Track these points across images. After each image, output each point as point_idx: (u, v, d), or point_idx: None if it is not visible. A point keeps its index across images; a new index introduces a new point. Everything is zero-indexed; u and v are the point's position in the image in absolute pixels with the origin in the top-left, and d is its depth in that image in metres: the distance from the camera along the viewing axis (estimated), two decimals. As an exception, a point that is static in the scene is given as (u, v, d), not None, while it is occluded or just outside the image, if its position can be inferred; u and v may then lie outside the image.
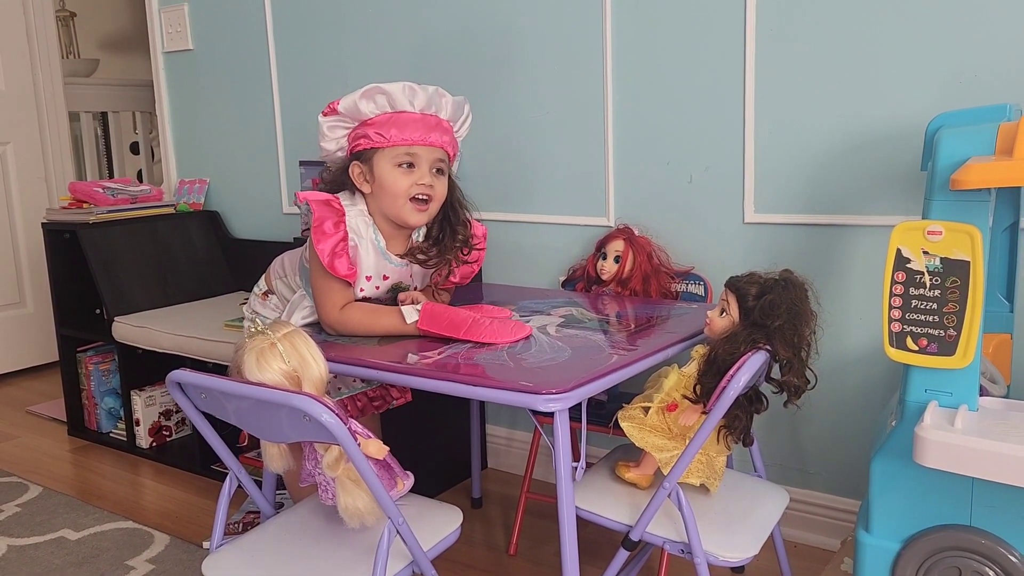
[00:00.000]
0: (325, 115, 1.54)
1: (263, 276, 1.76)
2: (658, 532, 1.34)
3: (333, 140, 1.56)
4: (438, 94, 1.51)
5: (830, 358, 1.74)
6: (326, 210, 1.50)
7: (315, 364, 1.21)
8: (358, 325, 1.51)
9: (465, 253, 1.63)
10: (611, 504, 1.40)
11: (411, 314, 1.48)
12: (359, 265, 1.53)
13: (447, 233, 1.59)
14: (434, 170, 1.53)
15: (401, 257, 1.58)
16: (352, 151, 1.55)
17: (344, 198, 1.54)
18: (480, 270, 2.21)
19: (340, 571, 1.24)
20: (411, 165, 1.51)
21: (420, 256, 1.58)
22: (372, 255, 1.55)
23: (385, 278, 1.59)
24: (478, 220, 1.66)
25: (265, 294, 1.73)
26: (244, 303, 2.57)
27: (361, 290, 1.56)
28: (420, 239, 1.61)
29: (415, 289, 1.64)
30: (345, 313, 1.51)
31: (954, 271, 1.11)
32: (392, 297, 1.61)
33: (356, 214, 1.53)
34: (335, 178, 1.58)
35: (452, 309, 1.53)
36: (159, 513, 2.17)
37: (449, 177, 1.58)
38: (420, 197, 1.51)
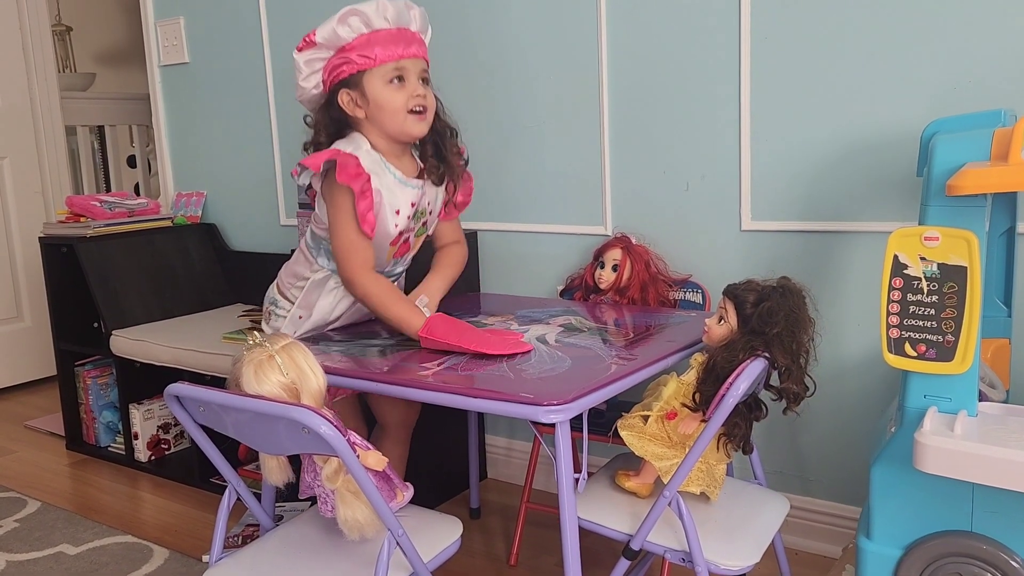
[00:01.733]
0: (300, 50, 1.53)
1: (277, 296, 1.71)
2: (659, 541, 1.34)
3: (312, 75, 1.55)
4: (406, 6, 1.53)
5: (829, 365, 1.74)
6: (344, 157, 1.49)
7: (313, 376, 1.20)
8: (369, 294, 1.52)
9: (462, 156, 1.67)
10: (611, 513, 1.40)
11: (422, 308, 1.50)
12: (386, 206, 1.53)
13: (442, 144, 1.62)
14: (421, 80, 1.55)
15: (416, 178, 1.60)
16: (335, 80, 1.53)
17: (344, 146, 1.53)
18: (479, 282, 2.22)
19: (340, 584, 1.24)
20: (401, 79, 1.52)
21: (432, 172, 1.60)
22: (395, 189, 1.55)
23: (412, 205, 1.59)
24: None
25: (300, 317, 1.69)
26: (243, 315, 2.57)
27: (396, 226, 1.56)
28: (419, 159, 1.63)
29: (430, 213, 1.66)
30: (369, 277, 1.52)
31: (951, 277, 1.11)
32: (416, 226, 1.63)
33: (364, 155, 1.53)
34: (321, 117, 1.58)
35: (455, 321, 1.51)
36: (158, 527, 2.16)
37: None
38: (417, 109, 1.53)
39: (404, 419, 1.81)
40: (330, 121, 1.57)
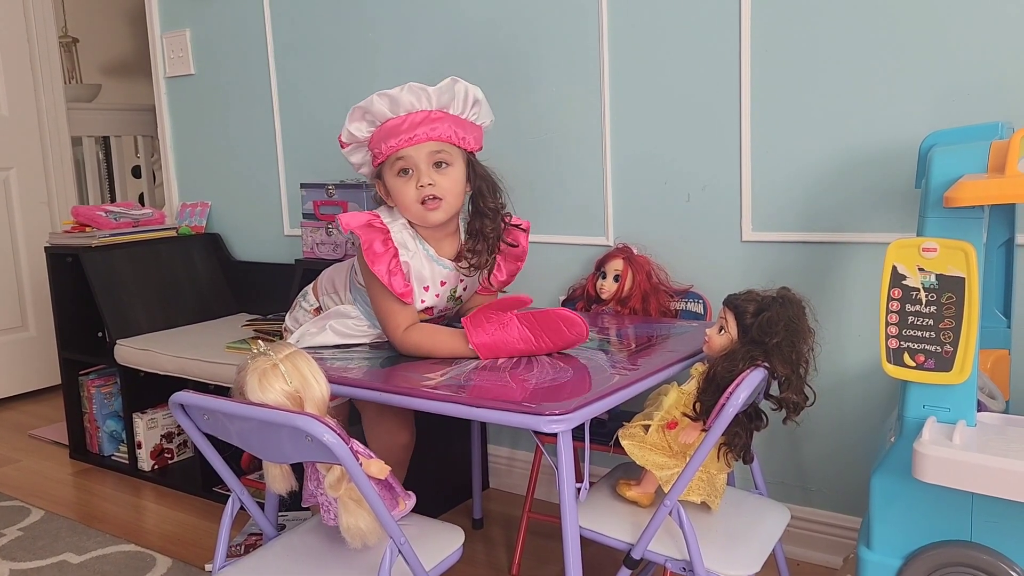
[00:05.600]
0: (343, 148, 1.57)
1: (310, 290, 1.76)
2: (660, 550, 1.34)
3: (364, 164, 1.59)
4: (412, 90, 1.47)
5: (829, 375, 1.74)
6: (371, 232, 1.49)
7: (317, 384, 1.21)
8: (416, 346, 1.50)
9: (500, 246, 1.60)
10: (613, 522, 1.40)
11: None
12: (413, 278, 1.53)
13: (481, 227, 1.57)
14: (432, 165, 1.50)
15: (452, 260, 1.58)
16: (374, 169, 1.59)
17: (385, 215, 1.54)
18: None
19: (343, 592, 1.24)
20: (406, 171, 1.50)
21: (468, 256, 1.57)
22: (425, 265, 1.55)
23: (443, 284, 1.58)
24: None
25: (317, 310, 1.73)
26: (247, 324, 2.58)
27: (423, 301, 1.56)
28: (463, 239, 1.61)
29: (464, 289, 1.63)
30: (407, 334, 1.51)
31: (949, 287, 1.12)
32: (453, 309, 1.63)
33: (399, 228, 1.53)
34: (377, 195, 1.62)
35: (501, 331, 1.48)
36: (161, 536, 2.16)
37: (471, 165, 1.56)
38: (427, 198, 1.49)
39: (393, 451, 1.74)
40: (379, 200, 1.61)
